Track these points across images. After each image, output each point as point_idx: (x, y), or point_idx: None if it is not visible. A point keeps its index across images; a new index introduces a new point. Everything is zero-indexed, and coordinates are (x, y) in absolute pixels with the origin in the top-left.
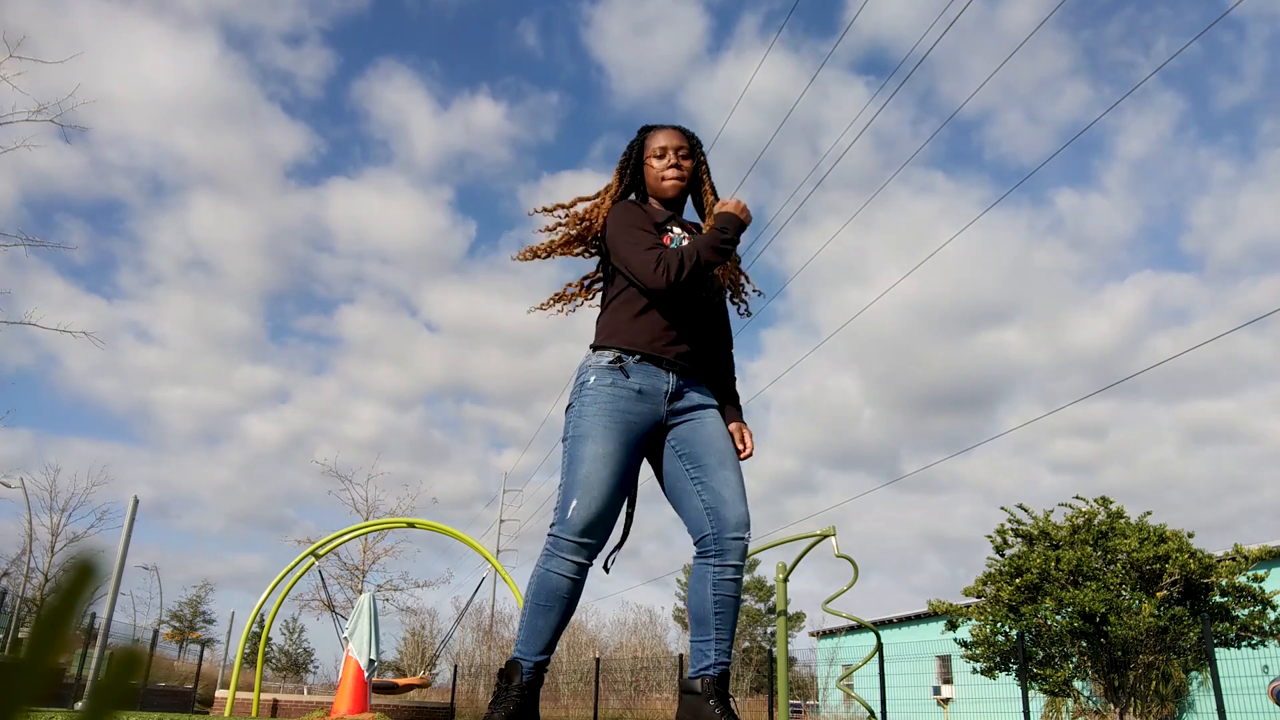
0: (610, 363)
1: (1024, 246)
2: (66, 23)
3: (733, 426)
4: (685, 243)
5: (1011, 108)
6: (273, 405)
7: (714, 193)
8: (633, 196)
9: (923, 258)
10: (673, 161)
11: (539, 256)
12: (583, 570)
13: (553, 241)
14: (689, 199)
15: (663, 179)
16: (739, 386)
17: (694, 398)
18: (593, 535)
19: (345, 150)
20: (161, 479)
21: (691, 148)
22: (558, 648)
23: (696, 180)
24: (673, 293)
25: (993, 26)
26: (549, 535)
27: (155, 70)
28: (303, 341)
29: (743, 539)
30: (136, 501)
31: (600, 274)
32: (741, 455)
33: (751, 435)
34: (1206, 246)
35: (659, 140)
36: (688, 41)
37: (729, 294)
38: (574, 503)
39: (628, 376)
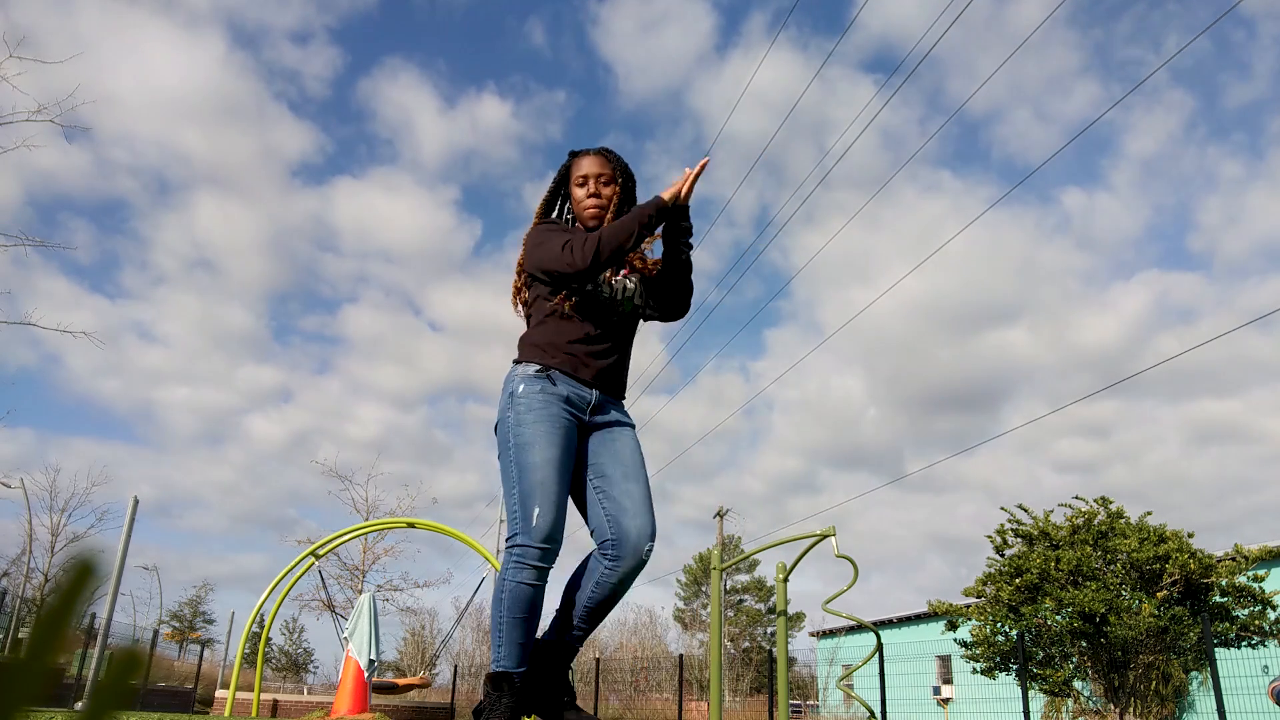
0: (537, 372)
1: (1030, 245)
2: (72, 21)
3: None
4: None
5: (1020, 106)
6: (275, 405)
7: None
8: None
9: (929, 257)
10: (592, 190)
11: (524, 310)
12: (546, 576)
13: (516, 281)
14: None
15: (583, 206)
16: (748, 387)
17: (613, 414)
18: (555, 541)
19: (351, 149)
20: (163, 479)
21: (613, 173)
22: (493, 640)
23: (621, 207)
24: (593, 274)
25: (1002, 25)
26: (514, 548)
27: (161, 68)
28: (306, 341)
29: (642, 550)
30: (136, 501)
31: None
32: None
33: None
34: (1214, 246)
35: (581, 168)
36: (695, 40)
37: (643, 311)
38: (535, 510)
39: (555, 385)
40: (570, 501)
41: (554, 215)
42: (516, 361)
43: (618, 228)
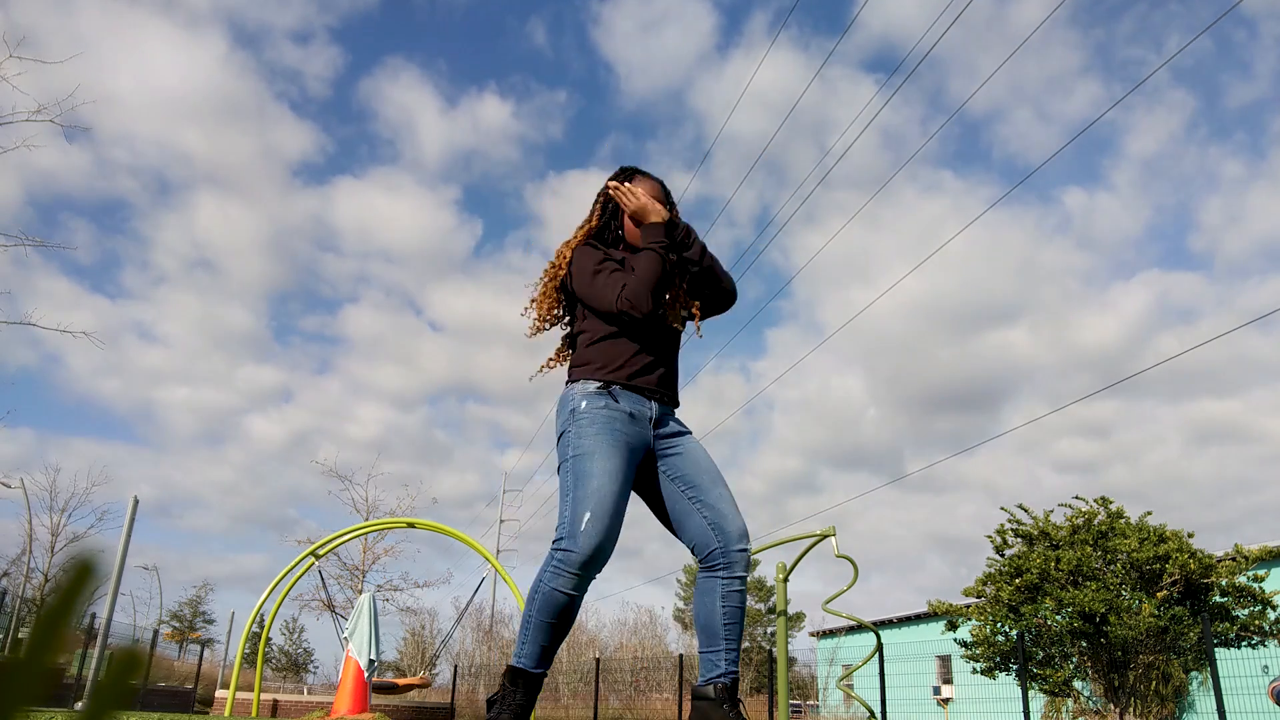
0: (598, 389)
1: (1031, 245)
2: (72, 21)
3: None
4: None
5: (1022, 106)
6: (276, 405)
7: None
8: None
9: (928, 257)
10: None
11: (543, 323)
12: (585, 587)
13: (543, 291)
14: None
15: (635, 231)
16: (748, 387)
17: (674, 425)
18: (602, 554)
19: (352, 149)
20: (164, 479)
21: (665, 198)
22: (520, 636)
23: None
24: (652, 316)
25: (1003, 25)
26: (557, 550)
27: (162, 68)
28: (307, 341)
29: (746, 550)
30: (136, 501)
31: (568, 317)
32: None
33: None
34: (1215, 245)
35: (650, 184)
36: (697, 40)
37: (690, 320)
38: (586, 516)
39: (617, 401)
40: (658, 520)
41: (605, 229)
42: (572, 380)
43: (645, 266)
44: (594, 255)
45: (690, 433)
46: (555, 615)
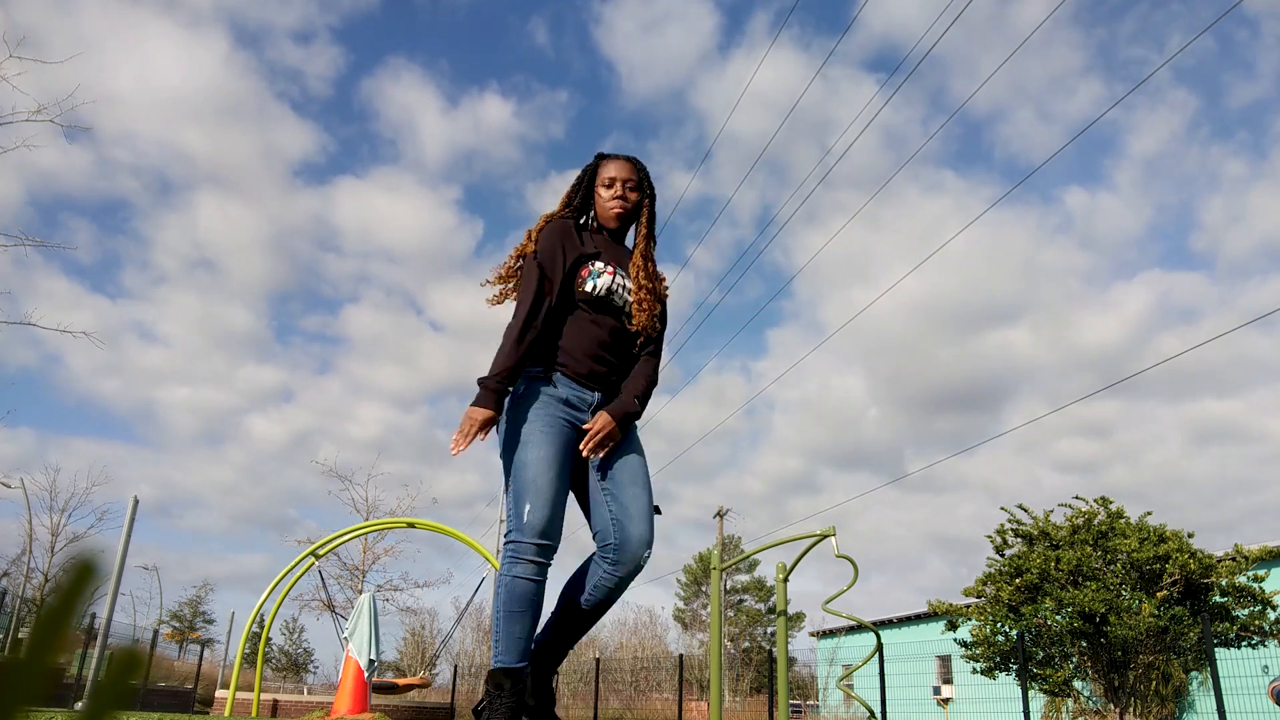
0: (538, 374)
1: (1033, 245)
2: (74, 21)
3: (600, 415)
4: (604, 278)
5: (1024, 106)
6: (276, 405)
7: (649, 230)
8: (578, 219)
9: (929, 257)
10: (619, 193)
11: (505, 296)
12: (544, 571)
13: (512, 261)
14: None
15: (608, 207)
16: (749, 387)
17: None
18: (549, 536)
19: (353, 149)
20: (164, 479)
21: (639, 181)
22: (493, 636)
23: (638, 213)
24: (604, 313)
25: (1005, 24)
26: (509, 543)
27: (163, 68)
28: (307, 341)
29: (641, 556)
30: (136, 502)
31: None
32: (586, 444)
33: (605, 430)
34: (1216, 245)
35: (609, 170)
36: (698, 39)
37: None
38: (527, 506)
39: (555, 387)
40: (575, 500)
41: (569, 212)
42: (535, 363)
43: (503, 346)
44: (553, 239)
45: (634, 426)
46: (521, 604)
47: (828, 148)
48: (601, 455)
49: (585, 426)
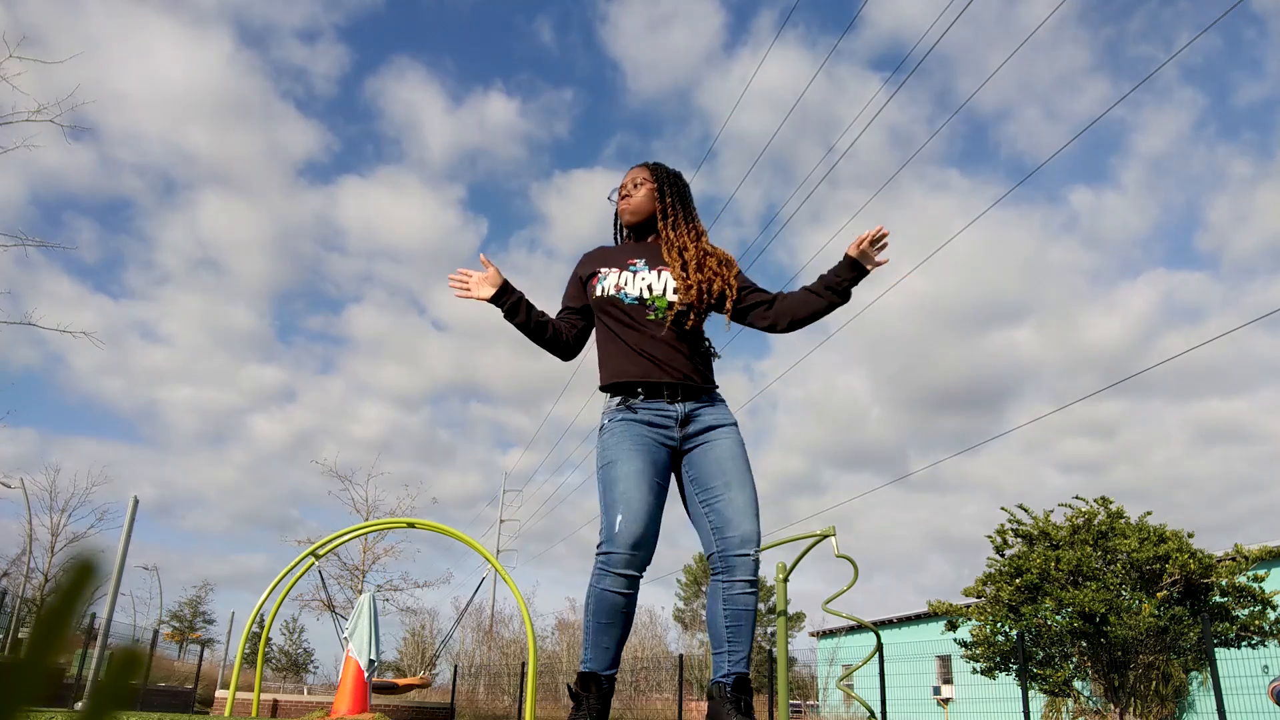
0: (619, 405)
1: (1038, 244)
2: (78, 20)
3: (850, 248)
4: (610, 277)
5: (1030, 105)
6: (279, 405)
7: (670, 209)
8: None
9: (930, 255)
10: (625, 193)
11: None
12: (634, 583)
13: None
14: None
15: (620, 211)
16: (751, 386)
17: (705, 420)
18: (640, 547)
19: (358, 148)
20: (166, 479)
21: (647, 176)
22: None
23: (654, 203)
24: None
25: (1012, 23)
26: (599, 555)
27: (168, 67)
28: (310, 341)
29: (748, 555)
30: (136, 502)
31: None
32: (874, 252)
33: (873, 243)
34: (1222, 244)
35: (622, 179)
36: (704, 38)
37: (688, 311)
38: (618, 518)
39: (635, 413)
40: (693, 525)
41: (617, 234)
42: (601, 389)
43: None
44: (580, 263)
45: (723, 425)
46: (609, 615)
47: (835, 147)
48: (707, 469)
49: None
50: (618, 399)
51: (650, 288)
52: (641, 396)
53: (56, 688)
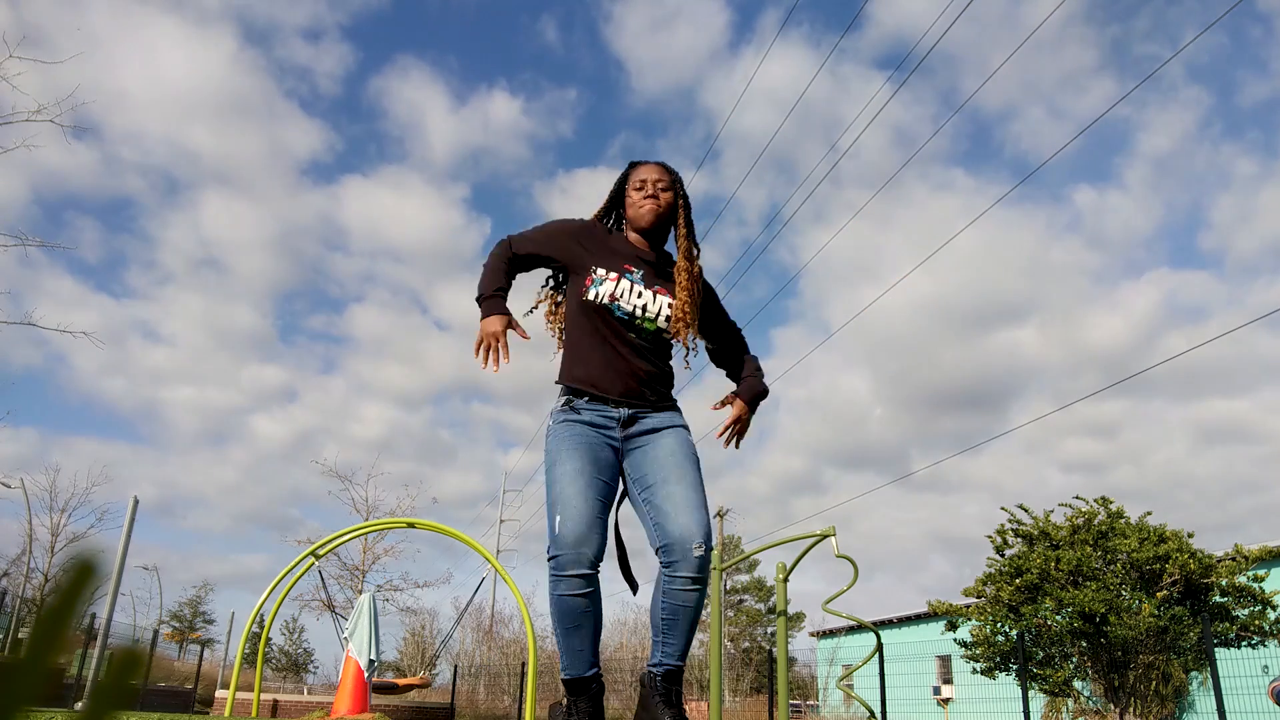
0: (564, 405)
1: (1041, 244)
2: (82, 19)
3: (728, 397)
4: (606, 285)
5: (1036, 104)
6: (280, 405)
7: (687, 231)
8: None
9: (932, 254)
10: (650, 193)
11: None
12: (590, 580)
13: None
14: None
15: (640, 208)
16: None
17: (649, 422)
18: (584, 544)
19: (361, 147)
20: (167, 479)
21: (672, 182)
22: (557, 648)
23: (674, 215)
24: (611, 321)
25: (1017, 22)
26: (549, 562)
27: (171, 66)
28: (312, 340)
29: (689, 549)
30: (136, 502)
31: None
32: (722, 430)
33: (740, 417)
34: (1226, 244)
35: (640, 173)
36: (708, 37)
37: (670, 334)
38: (558, 519)
39: (579, 414)
40: (640, 523)
41: (607, 221)
42: (556, 383)
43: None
44: (572, 223)
45: (669, 426)
46: (572, 619)
47: (838, 145)
48: (647, 467)
49: (727, 420)
50: (564, 400)
51: (645, 308)
52: (587, 399)
53: (56, 688)
